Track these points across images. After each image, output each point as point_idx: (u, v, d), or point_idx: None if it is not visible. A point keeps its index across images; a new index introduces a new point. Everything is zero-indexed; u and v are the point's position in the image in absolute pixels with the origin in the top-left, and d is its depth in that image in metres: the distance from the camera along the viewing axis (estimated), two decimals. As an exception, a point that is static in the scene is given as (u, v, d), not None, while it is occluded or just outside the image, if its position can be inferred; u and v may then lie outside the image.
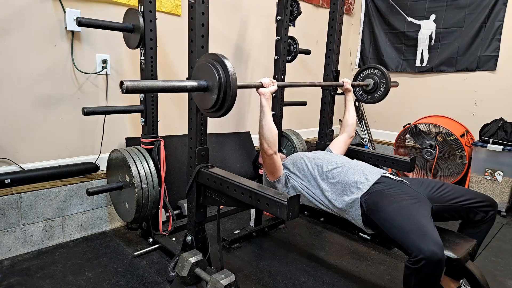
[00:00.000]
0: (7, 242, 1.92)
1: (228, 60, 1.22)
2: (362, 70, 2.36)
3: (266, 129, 1.61)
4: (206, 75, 1.26)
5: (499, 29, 3.24)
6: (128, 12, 1.96)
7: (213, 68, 1.22)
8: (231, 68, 1.20)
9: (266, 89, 1.62)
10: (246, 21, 3.02)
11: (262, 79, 1.64)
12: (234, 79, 1.20)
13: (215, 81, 1.21)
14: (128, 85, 1.07)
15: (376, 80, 2.29)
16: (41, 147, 2.03)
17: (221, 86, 1.21)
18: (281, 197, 1.23)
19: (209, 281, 1.45)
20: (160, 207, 2.04)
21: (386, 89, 2.26)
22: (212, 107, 1.26)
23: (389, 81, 2.25)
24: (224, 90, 1.21)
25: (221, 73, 1.21)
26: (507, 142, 2.84)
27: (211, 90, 1.25)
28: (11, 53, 1.85)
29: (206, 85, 1.26)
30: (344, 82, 2.19)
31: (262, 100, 1.63)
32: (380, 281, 1.89)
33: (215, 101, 1.23)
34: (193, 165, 1.61)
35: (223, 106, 1.24)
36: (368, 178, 1.63)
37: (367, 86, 2.31)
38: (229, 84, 1.19)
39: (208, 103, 1.27)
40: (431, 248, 1.23)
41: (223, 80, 1.20)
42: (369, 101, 2.36)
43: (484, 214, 1.57)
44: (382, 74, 2.26)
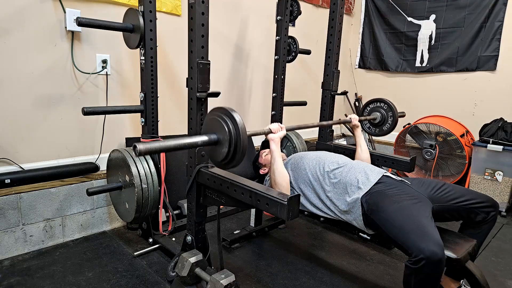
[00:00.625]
0: (7, 242, 1.92)
1: (237, 113, 1.24)
2: (369, 103, 2.36)
3: (277, 175, 1.62)
4: (216, 129, 1.29)
5: (499, 29, 3.24)
6: (128, 12, 1.96)
7: (222, 122, 1.25)
8: (240, 121, 1.23)
9: (276, 135, 1.63)
10: (246, 21, 3.02)
11: (271, 125, 1.65)
12: (244, 132, 1.22)
13: (225, 135, 1.24)
14: (141, 149, 1.08)
15: (383, 113, 2.28)
16: (41, 147, 2.03)
17: (232, 140, 1.23)
18: (281, 197, 1.23)
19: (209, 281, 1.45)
20: (160, 207, 2.04)
21: (394, 121, 2.26)
22: (223, 160, 1.29)
23: (396, 114, 2.24)
24: (234, 143, 1.24)
25: (231, 127, 1.24)
26: (507, 142, 2.84)
27: (221, 144, 1.28)
28: (11, 53, 1.85)
29: (216, 139, 1.29)
30: (352, 118, 2.17)
31: (272, 145, 1.64)
32: (380, 281, 1.89)
33: (225, 155, 1.26)
34: (193, 165, 1.61)
35: (233, 159, 1.26)
36: (369, 178, 1.63)
37: (374, 119, 2.31)
38: (239, 138, 1.22)
39: (219, 156, 1.30)
40: (431, 248, 1.23)
41: (233, 133, 1.23)
42: (378, 134, 2.35)
43: (485, 215, 1.57)
44: (389, 107, 2.26)
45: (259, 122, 3.31)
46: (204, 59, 1.49)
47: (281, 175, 1.62)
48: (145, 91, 2.01)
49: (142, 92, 2.02)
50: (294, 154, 1.99)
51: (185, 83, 1.57)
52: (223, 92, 2.89)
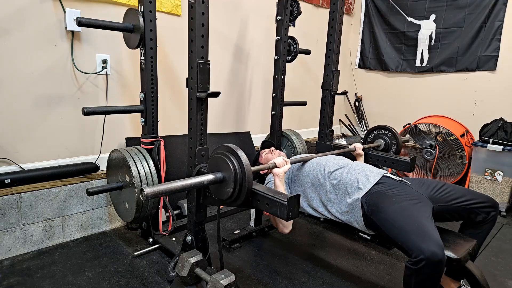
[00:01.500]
0: (7, 242, 1.92)
1: (242, 151, 1.26)
2: (372, 130, 2.36)
3: None
4: (222, 167, 1.31)
5: (499, 29, 3.24)
6: (128, 12, 1.96)
7: (228, 160, 1.27)
8: (245, 161, 1.24)
9: (280, 170, 1.63)
10: (246, 21, 3.02)
11: (276, 159, 1.65)
12: (249, 171, 1.24)
13: (231, 175, 1.26)
14: (148, 193, 1.09)
15: (386, 141, 2.29)
16: (41, 147, 2.03)
17: (237, 179, 1.25)
18: (281, 197, 1.23)
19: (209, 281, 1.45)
20: (160, 207, 2.04)
21: (397, 149, 2.28)
22: (229, 199, 1.31)
23: (400, 141, 2.26)
24: (240, 183, 1.25)
25: (236, 166, 1.26)
26: (507, 142, 2.84)
27: (226, 182, 1.30)
28: (11, 53, 1.85)
29: (222, 178, 1.31)
30: (356, 147, 2.16)
31: (276, 180, 1.64)
32: (380, 281, 1.89)
33: (231, 194, 1.28)
34: (193, 165, 1.61)
35: (238, 198, 1.28)
36: (369, 178, 1.63)
37: (378, 147, 2.32)
38: (244, 177, 1.24)
39: (224, 194, 1.32)
40: (431, 248, 1.23)
41: (239, 173, 1.25)
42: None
43: (485, 215, 1.57)
44: (393, 135, 2.26)
45: (259, 122, 3.31)
46: (204, 59, 1.49)
47: None
48: (145, 91, 2.01)
49: (142, 92, 2.02)
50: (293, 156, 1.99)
51: (185, 83, 1.57)
52: (223, 92, 2.89)
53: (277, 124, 2.72)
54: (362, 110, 4.23)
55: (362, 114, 4.22)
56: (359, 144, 2.17)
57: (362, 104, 4.27)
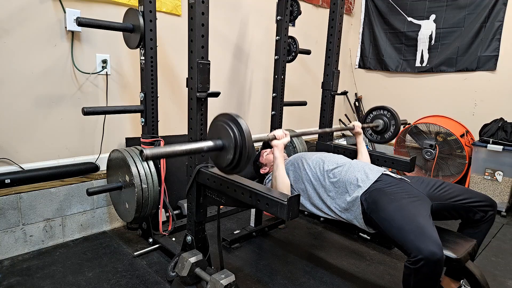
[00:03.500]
0: (7, 242, 1.92)
1: (242, 119, 1.24)
2: (371, 110, 2.36)
3: (279, 181, 1.62)
4: (222, 135, 1.29)
5: (499, 29, 3.24)
6: (128, 12, 1.96)
7: (228, 128, 1.25)
8: (246, 128, 1.23)
9: (280, 141, 1.63)
10: (246, 21, 3.02)
11: (276, 131, 1.65)
12: (250, 139, 1.22)
13: (231, 142, 1.24)
14: (147, 154, 1.09)
15: (385, 121, 2.28)
16: (41, 147, 2.03)
17: (237, 146, 1.23)
18: (281, 197, 1.24)
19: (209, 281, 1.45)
20: (160, 207, 2.04)
21: (396, 130, 2.26)
22: (228, 166, 1.29)
23: (398, 122, 2.24)
24: (240, 150, 1.23)
25: (237, 133, 1.24)
26: (507, 142, 2.84)
27: (226, 150, 1.28)
28: (11, 53, 1.85)
29: (222, 145, 1.29)
30: (355, 125, 2.17)
31: (275, 152, 1.63)
32: (380, 281, 1.89)
33: (231, 161, 1.26)
34: (193, 165, 1.61)
35: (238, 165, 1.27)
36: (369, 176, 1.63)
37: (377, 127, 2.31)
38: (244, 144, 1.22)
39: (224, 162, 1.30)
40: (430, 248, 1.23)
41: (239, 140, 1.23)
42: (380, 142, 2.34)
43: (483, 214, 1.57)
44: (392, 115, 2.25)
45: (259, 122, 3.31)
46: (204, 59, 1.49)
47: (283, 183, 1.62)
48: (145, 91, 2.01)
49: (142, 92, 2.02)
50: (294, 155, 1.99)
51: (185, 83, 1.57)
52: (223, 92, 2.89)
53: (277, 124, 2.72)
54: (362, 110, 4.23)
55: (362, 114, 4.22)
56: (357, 122, 2.19)
57: (362, 104, 4.27)
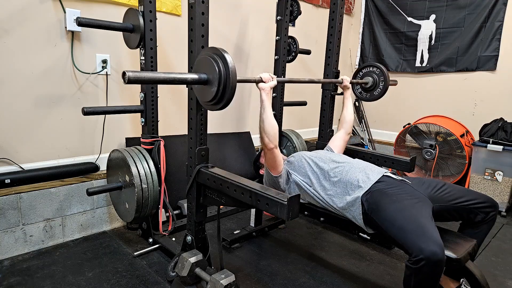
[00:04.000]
0: (7, 242, 1.92)
1: (228, 54, 1.23)
2: (361, 68, 2.36)
3: (266, 123, 1.63)
4: (207, 69, 1.28)
5: (499, 29, 3.24)
6: (128, 12, 1.96)
7: (213, 61, 1.24)
8: (231, 62, 1.22)
9: (266, 84, 1.64)
10: (246, 21, 3.02)
11: (262, 74, 1.65)
12: (234, 72, 1.22)
13: (215, 74, 1.23)
14: (130, 76, 1.09)
15: (375, 78, 2.29)
16: (41, 147, 2.03)
17: (221, 79, 1.22)
18: (281, 197, 1.23)
19: (209, 281, 1.45)
20: (160, 207, 2.04)
21: (384, 87, 2.27)
22: (212, 100, 1.28)
23: (387, 79, 2.26)
24: (224, 83, 1.23)
25: (221, 66, 1.23)
26: (507, 142, 2.84)
27: (211, 83, 1.27)
28: (11, 53, 1.85)
29: (206, 78, 1.28)
30: (343, 79, 2.20)
31: (262, 94, 1.64)
32: (380, 281, 1.89)
33: (215, 94, 1.25)
34: (193, 165, 1.61)
35: (222, 98, 1.25)
36: (370, 177, 1.63)
37: (366, 84, 2.32)
38: (228, 77, 1.21)
39: (208, 95, 1.29)
40: (431, 248, 1.23)
41: (223, 73, 1.22)
42: (368, 99, 2.37)
43: (485, 215, 1.57)
44: (381, 72, 2.26)
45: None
46: (204, 59, 1.49)
47: (271, 124, 1.63)
48: (145, 91, 2.01)
49: (142, 92, 2.02)
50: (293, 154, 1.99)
51: (185, 83, 1.57)
52: (223, 92, 2.88)
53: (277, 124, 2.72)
54: (362, 110, 4.23)
55: (362, 114, 4.22)
56: (346, 77, 2.20)
57: (362, 104, 4.27)
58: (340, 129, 2.21)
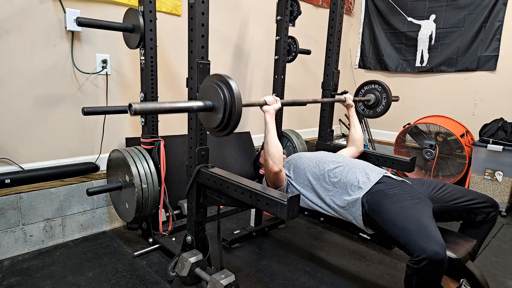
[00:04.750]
0: (7, 242, 1.92)
1: (233, 80, 1.23)
2: (363, 85, 2.36)
3: (271, 145, 1.62)
4: (212, 96, 1.28)
5: (499, 29, 3.24)
6: (128, 12, 1.96)
7: (218, 88, 1.24)
8: (235, 88, 1.22)
9: (270, 107, 1.65)
10: (246, 21, 3.02)
11: (266, 97, 1.66)
12: (239, 99, 1.21)
13: (221, 101, 1.23)
14: (136, 108, 1.09)
15: (377, 95, 2.29)
16: (41, 147, 2.03)
17: (227, 106, 1.23)
18: (281, 197, 1.23)
19: (209, 281, 1.45)
20: (160, 207, 2.04)
21: (387, 104, 2.27)
22: (218, 126, 1.28)
23: (390, 96, 2.26)
24: (229, 110, 1.23)
25: (226, 93, 1.23)
26: (507, 142, 2.84)
27: (216, 110, 1.27)
28: (11, 53, 1.85)
29: (212, 105, 1.28)
30: (346, 97, 2.19)
31: (266, 117, 1.65)
32: (380, 281, 1.89)
33: (220, 121, 1.25)
34: (193, 165, 1.61)
35: (228, 125, 1.26)
36: (370, 178, 1.63)
37: (369, 101, 2.32)
38: (234, 104, 1.21)
39: (214, 122, 1.29)
40: (433, 248, 1.23)
41: (228, 100, 1.22)
42: (371, 116, 2.36)
43: (485, 215, 1.57)
44: (383, 89, 2.26)
45: (259, 122, 3.31)
46: (204, 59, 1.49)
47: (275, 145, 1.63)
48: (145, 91, 2.01)
49: (142, 92, 2.02)
50: (293, 154, 1.99)
51: (185, 83, 1.57)
52: (223, 92, 2.88)
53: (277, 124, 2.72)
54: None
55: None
56: (349, 95, 2.20)
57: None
58: (351, 146, 2.19)
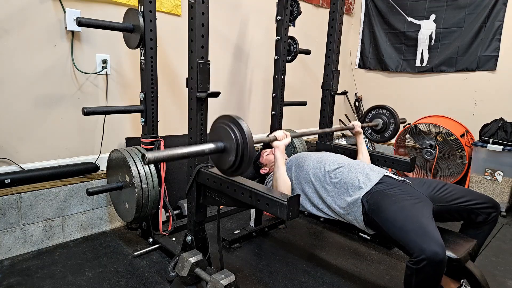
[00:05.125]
0: (7, 242, 1.92)
1: (243, 121, 1.24)
2: (370, 110, 2.36)
3: (280, 181, 1.62)
4: (223, 137, 1.29)
5: (499, 29, 3.24)
6: (128, 12, 1.96)
7: (229, 130, 1.25)
8: (247, 130, 1.22)
9: (281, 142, 1.63)
10: (246, 21, 3.02)
11: (276, 132, 1.65)
12: (251, 141, 1.22)
13: (232, 144, 1.24)
14: (150, 157, 1.09)
15: (385, 120, 2.28)
16: (41, 147, 2.03)
17: (239, 148, 1.23)
18: (281, 197, 1.24)
19: (209, 281, 1.45)
20: (160, 207, 2.04)
21: (395, 128, 2.26)
22: (230, 168, 1.29)
23: (398, 121, 2.25)
24: (241, 152, 1.23)
25: (238, 135, 1.23)
26: (507, 142, 2.84)
27: (228, 152, 1.28)
28: (11, 53, 1.85)
29: (223, 147, 1.29)
30: (355, 125, 2.16)
31: (276, 153, 1.63)
32: (380, 281, 1.89)
33: (232, 163, 1.26)
34: (193, 165, 1.61)
35: (240, 167, 1.26)
36: (370, 178, 1.63)
37: (376, 126, 2.31)
38: (246, 146, 1.22)
39: (226, 164, 1.30)
40: (433, 248, 1.23)
41: (240, 142, 1.23)
42: (379, 141, 2.34)
43: (486, 216, 1.57)
44: (391, 114, 2.25)
45: (259, 122, 3.31)
46: (204, 59, 1.49)
47: (284, 183, 1.62)
48: (145, 91, 2.01)
49: (142, 92, 2.02)
50: (294, 155, 1.99)
51: (185, 83, 1.57)
52: (223, 92, 2.89)
53: (277, 124, 2.72)
54: (362, 110, 4.23)
55: (362, 114, 4.22)
56: (357, 122, 2.18)
57: (362, 104, 4.27)
58: None
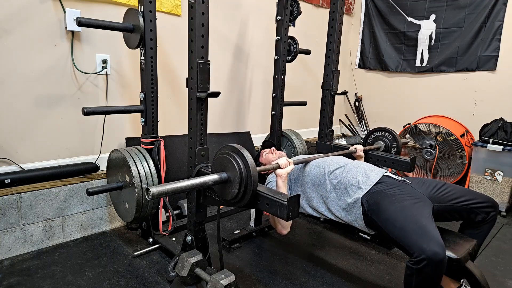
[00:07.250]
0: (7, 242, 1.92)
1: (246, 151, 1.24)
2: (372, 132, 2.36)
3: None
4: (226, 168, 1.29)
5: (499, 29, 3.24)
6: (128, 12, 1.96)
7: (233, 160, 1.26)
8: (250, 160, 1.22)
9: (284, 171, 1.63)
10: (246, 21, 3.02)
11: (279, 160, 1.65)
12: (255, 172, 1.21)
13: (236, 175, 1.24)
14: (154, 192, 1.09)
15: (386, 143, 2.29)
16: (41, 147, 2.03)
17: (242, 180, 1.23)
18: (281, 197, 1.23)
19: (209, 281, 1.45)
20: (160, 207, 2.04)
21: (397, 151, 2.28)
22: (233, 199, 1.29)
23: (399, 143, 2.26)
24: (245, 184, 1.23)
25: (241, 165, 1.24)
26: (507, 142, 2.84)
27: (231, 183, 1.28)
28: (11, 53, 1.85)
29: (227, 178, 1.30)
30: (357, 149, 2.16)
31: (278, 181, 1.63)
32: (380, 281, 1.89)
33: (235, 195, 1.26)
34: (193, 165, 1.61)
35: (243, 199, 1.27)
36: (370, 178, 1.63)
37: (378, 149, 2.31)
38: (249, 178, 1.22)
39: (229, 195, 1.30)
40: (433, 248, 1.23)
41: (244, 174, 1.23)
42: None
43: (485, 215, 1.57)
44: (393, 137, 2.26)
45: (259, 122, 3.31)
46: (204, 59, 1.49)
47: None
48: (145, 91, 2.01)
49: (142, 92, 2.02)
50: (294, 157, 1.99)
51: (185, 83, 1.57)
52: (223, 92, 2.89)
53: (277, 124, 2.72)
54: (362, 110, 4.23)
55: (362, 114, 4.22)
56: (359, 146, 2.18)
57: (362, 104, 4.27)
58: None
